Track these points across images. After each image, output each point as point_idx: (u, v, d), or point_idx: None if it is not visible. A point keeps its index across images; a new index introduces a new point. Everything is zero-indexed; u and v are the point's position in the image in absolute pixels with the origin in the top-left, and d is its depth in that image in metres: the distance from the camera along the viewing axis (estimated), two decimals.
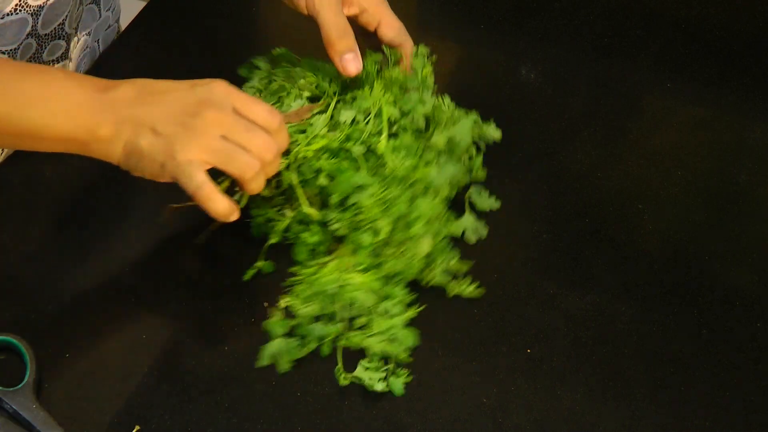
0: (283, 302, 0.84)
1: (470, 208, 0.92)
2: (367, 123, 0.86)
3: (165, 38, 1.14)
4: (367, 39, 0.94)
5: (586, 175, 0.99)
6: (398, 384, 0.80)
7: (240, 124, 0.78)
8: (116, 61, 1.11)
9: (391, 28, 0.93)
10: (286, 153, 0.84)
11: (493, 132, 0.95)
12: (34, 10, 0.93)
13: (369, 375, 0.80)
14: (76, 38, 1.04)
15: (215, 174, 0.79)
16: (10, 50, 0.93)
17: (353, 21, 0.92)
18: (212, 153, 0.77)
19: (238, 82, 0.97)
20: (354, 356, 0.83)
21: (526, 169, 0.99)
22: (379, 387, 0.80)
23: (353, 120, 0.87)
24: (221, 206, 0.78)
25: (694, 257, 0.92)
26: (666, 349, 0.85)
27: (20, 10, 0.91)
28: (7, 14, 0.91)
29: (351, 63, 0.87)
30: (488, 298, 0.88)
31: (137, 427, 0.79)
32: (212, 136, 0.77)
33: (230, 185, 0.85)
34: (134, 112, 0.77)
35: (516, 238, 0.93)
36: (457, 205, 0.92)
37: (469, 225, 0.91)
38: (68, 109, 0.77)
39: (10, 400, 0.78)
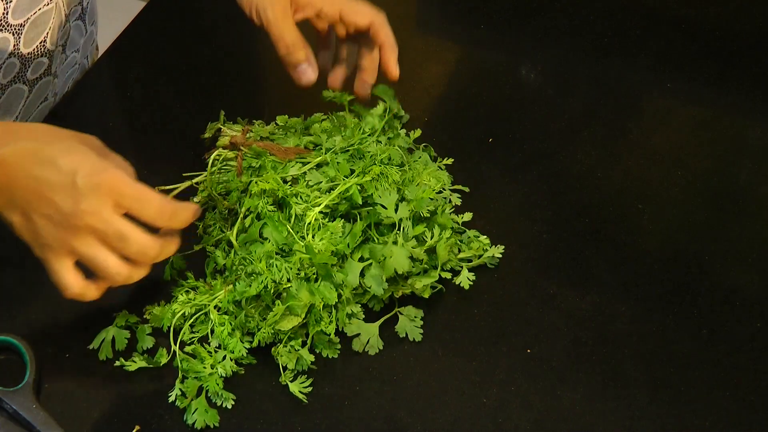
0: (149, 312, 0.84)
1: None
2: (328, 192, 0.85)
3: (165, 38, 1.14)
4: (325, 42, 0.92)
5: (586, 175, 0.99)
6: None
7: (114, 232, 0.73)
8: (116, 61, 1.11)
9: (354, 13, 0.88)
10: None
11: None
12: (15, 29, 0.91)
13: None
14: (63, 55, 1.03)
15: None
16: None
17: (310, 24, 0.91)
18: (78, 256, 0.75)
19: (238, 82, 0.97)
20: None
21: (526, 169, 0.99)
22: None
23: (317, 182, 0.86)
24: (84, 297, 0.77)
25: (694, 257, 0.92)
26: (666, 349, 0.85)
27: (1, 29, 0.90)
28: None
29: (304, 74, 0.88)
30: (488, 298, 0.88)
31: (137, 427, 0.79)
32: (82, 241, 0.73)
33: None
34: (9, 183, 0.73)
35: (516, 238, 0.93)
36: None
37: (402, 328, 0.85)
38: None
39: (10, 400, 0.78)
